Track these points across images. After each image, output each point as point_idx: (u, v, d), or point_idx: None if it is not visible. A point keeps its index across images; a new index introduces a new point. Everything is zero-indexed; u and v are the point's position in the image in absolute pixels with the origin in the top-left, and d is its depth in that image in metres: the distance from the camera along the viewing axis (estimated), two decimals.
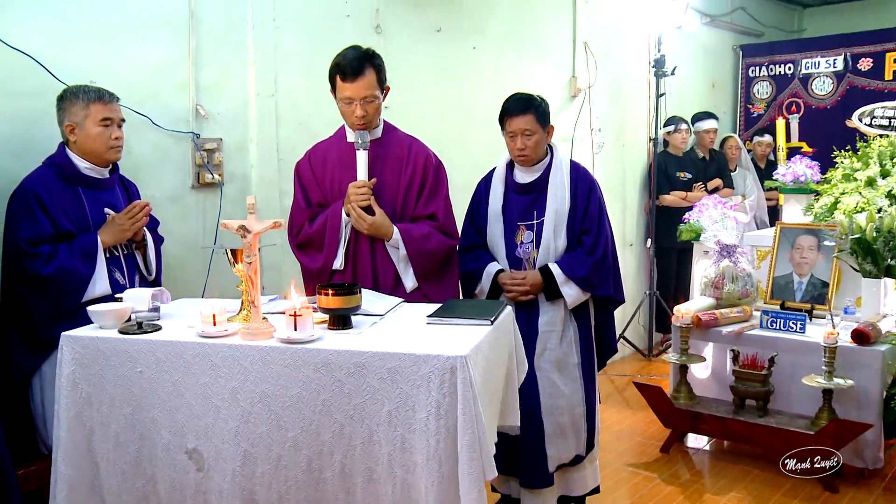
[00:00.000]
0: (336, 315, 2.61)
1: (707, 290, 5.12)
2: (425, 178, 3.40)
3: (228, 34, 4.10)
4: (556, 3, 6.29)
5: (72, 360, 2.63)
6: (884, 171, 5.27)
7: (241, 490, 2.53)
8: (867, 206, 5.00)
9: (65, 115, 3.19)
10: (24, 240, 3.04)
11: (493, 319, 2.69)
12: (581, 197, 3.68)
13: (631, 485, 4.44)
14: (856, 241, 4.59)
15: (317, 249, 3.37)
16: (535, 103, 3.62)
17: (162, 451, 2.60)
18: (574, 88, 6.45)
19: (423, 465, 2.36)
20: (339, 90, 3.27)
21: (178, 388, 2.55)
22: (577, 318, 3.73)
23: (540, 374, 3.63)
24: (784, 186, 5.76)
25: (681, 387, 4.90)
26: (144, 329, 2.64)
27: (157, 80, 3.84)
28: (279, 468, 2.49)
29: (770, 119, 8.56)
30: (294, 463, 2.48)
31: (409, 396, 2.37)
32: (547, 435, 3.62)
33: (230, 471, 2.53)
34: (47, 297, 3.07)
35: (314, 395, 2.44)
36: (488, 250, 3.77)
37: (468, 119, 5.43)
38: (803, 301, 4.92)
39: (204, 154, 4.00)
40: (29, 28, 3.37)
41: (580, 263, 3.62)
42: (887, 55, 8.11)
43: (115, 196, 3.38)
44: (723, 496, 4.27)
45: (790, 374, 4.60)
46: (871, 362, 4.37)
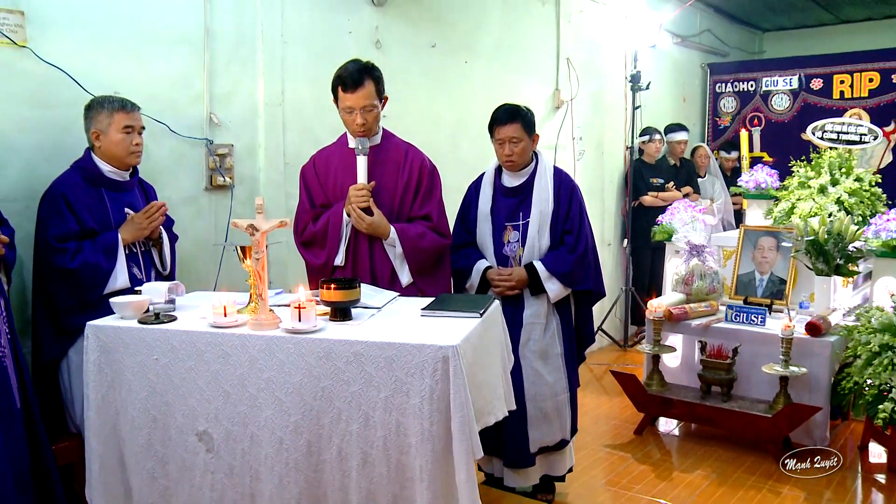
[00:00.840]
0: (337, 307, 2.60)
1: (678, 287, 5.11)
2: (420, 182, 3.38)
3: (240, 49, 4.07)
4: (541, 22, 6.27)
5: (97, 348, 2.63)
6: (833, 179, 5.31)
7: (248, 469, 2.52)
8: (819, 210, 5.03)
9: (91, 123, 3.21)
10: (53, 237, 3.06)
11: (482, 312, 2.68)
12: (563, 200, 3.67)
13: (607, 464, 4.43)
14: (810, 242, 4.61)
15: (320, 247, 3.35)
16: (522, 113, 3.61)
17: (175, 432, 2.58)
18: (557, 100, 6.44)
19: (417, 445, 2.35)
20: (340, 100, 3.26)
21: (190, 375, 2.54)
22: (559, 311, 3.73)
23: (524, 363, 3.62)
24: (747, 192, 5.77)
25: (653, 375, 4.89)
26: (161, 320, 2.64)
27: (174, 90, 3.82)
28: (281, 450, 2.47)
29: (735, 131, 8.59)
30: (295, 446, 2.46)
31: (403, 383, 2.35)
32: (530, 419, 3.61)
33: (239, 451, 2.52)
34: (73, 289, 3.08)
35: (315, 382, 2.42)
36: (478, 248, 3.76)
37: (460, 127, 5.41)
38: (764, 297, 4.92)
39: (216, 158, 3.98)
40: (61, 45, 3.36)
41: (562, 261, 3.61)
42: (835, 77, 8.26)
43: (135, 197, 3.39)
44: (690, 474, 4.27)
45: (751, 363, 4.61)
46: (822, 351, 4.41)
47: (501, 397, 2.79)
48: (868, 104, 8.05)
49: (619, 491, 4.06)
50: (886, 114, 7.93)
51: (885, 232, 4.72)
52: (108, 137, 3.19)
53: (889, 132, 7.78)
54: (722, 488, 4.06)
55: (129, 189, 3.35)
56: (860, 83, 8.12)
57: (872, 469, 4.32)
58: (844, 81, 8.19)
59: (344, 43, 4.52)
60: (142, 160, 3.35)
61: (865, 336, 4.15)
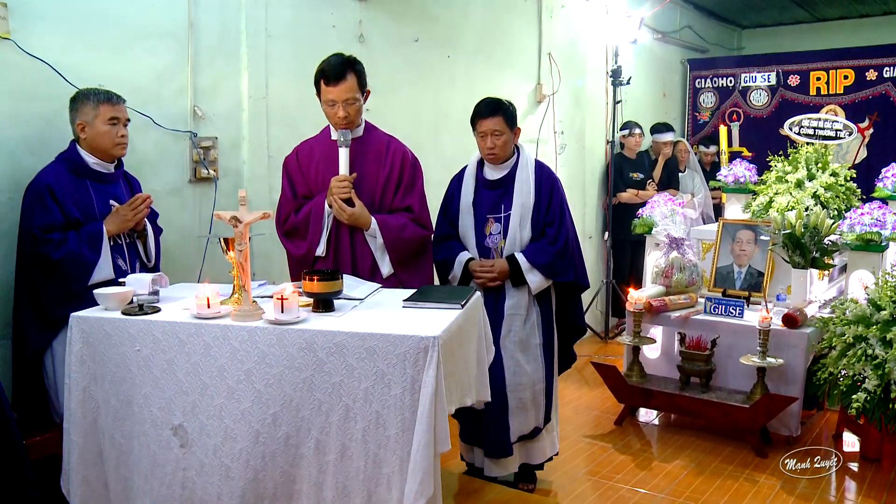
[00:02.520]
0: (320, 299, 2.59)
1: (658, 279, 5.13)
2: (402, 174, 3.38)
3: (224, 42, 4.04)
4: (523, 18, 6.26)
5: (80, 339, 2.60)
6: (810, 174, 5.36)
7: (219, 466, 2.48)
8: (796, 205, 5.07)
9: (76, 115, 3.18)
10: (37, 227, 3.02)
11: (463, 303, 2.68)
12: (545, 193, 3.67)
13: (588, 454, 4.44)
14: (787, 235, 4.63)
15: (301, 237, 3.34)
16: (504, 106, 3.60)
17: (150, 426, 2.55)
18: (539, 95, 6.44)
19: (396, 438, 2.34)
20: (323, 93, 3.25)
21: (170, 366, 2.52)
22: (539, 302, 3.72)
23: (505, 353, 3.62)
24: (726, 186, 5.80)
25: (633, 366, 4.90)
26: (145, 311, 2.62)
27: (159, 84, 3.78)
28: (257, 444, 2.45)
29: (714, 126, 8.64)
30: (272, 438, 2.44)
31: (384, 374, 2.35)
32: (510, 409, 3.61)
33: (211, 446, 2.49)
34: (57, 280, 3.05)
35: (296, 373, 2.41)
36: (460, 240, 3.75)
37: (442, 121, 5.39)
38: (742, 289, 4.95)
39: (200, 151, 3.95)
40: (46, 38, 3.32)
41: (543, 252, 3.61)
42: (811, 73, 8.35)
43: (120, 189, 3.36)
44: (669, 463, 4.28)
45: (729, 354, 4.63)
46: (798, 343, 4.43)
47: (472, 388, 2.78)
48: (843, 100, 8.14)
49: (600, 480, 4.07)
50: (861, 110, 8.01)
51: (859, 226, 4.75)
52: (94, 129, 3.16)
53: (863, 128, 7.85)
54: (700, 477, 4.08)
55: (114, 181, 3.32)
56: (835, 80, 8.20)
57: (846, 457, 4.34)
58: (821, 78, 8.27)
59: (327, 37, 4.50)
60: (127, 153, 3.31)
61: (840, 328, 4.18)
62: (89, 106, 3.16)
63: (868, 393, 3.92)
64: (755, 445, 4.37)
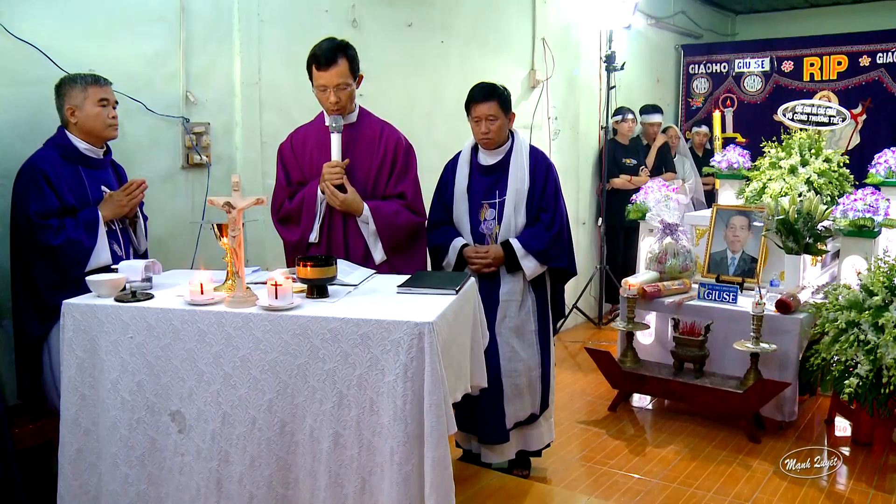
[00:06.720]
0: (314, 285, 2.58)
1: (651, 265, 5.12)
2: (395, 160, 3.36)
3: (216, 27, 4.00)
4: (516, 3, 6.22)
5: (72, 327, 2.57)
6: (804, 160, 5.36)
7: (217, 451, 2.47)
8: (790, 190, 5.07)
9: (64, 100, 3.14)
10: (34, 213, 2.98)
11: (457, 289, 2.67)
12: (539, 178, 3.65)
13: (582, 439, 4.44)
14: (780, 221, 4.63)
15: (295, 223, 3.33)
16: (499, 91, 3.58)
17: (146, 412, 2.53)
18: (533, 80, 6.41)
19: (390, 426, 2.32)
20: (315, 78, 3.23)
21: (165, 353, 2.50)
22: (534, 288, 3.72)
23: (500, 339, 3.61)
24: (720, 172, 5.79)
25: (627, 352, 4.91)
26: (138, 297, 2.60)
27: (150, 69, 3.75)
28: (254, 430, 2.44)
29: (707, 112, 8.63)
30: (268, 425, 2.43)
31: (378, 360, 2.33)
32: (505, 395, 3.61)
33: (209, 432, 2.48)
34: (55, 266, 3.02)
35: (291, 360, 2.40)
36: (455, 226, 3.73)
37: (435, 107, 5.36)
38: (735, 275, 4.94)
39: (193, 137, 3.92)
40: (35, 22, 3.28)
41: (538, 238, 3.60)
42: (805, 59, 8.34)
43: (110, 176, 3.34)
44: (663, 448, 4.29)
45: (723, 340, 4.62)
46: (792, 328, 4.42)
47: (467, 374, 2.77)
48: (836, 86, 8.13)
49: (594, 466, 4.07)
50: (854, 96, 8.01)
51: (852, 212, 4.74)
52: (85, 112, 3.13)
53: (856, 114, 7.85)
54: (694, 463, 4.09)
55: (104, 167, 3.30)
56: (829, 66, 8.20)
57: (838, 442, 4.36)
58: (814, 64, 8.27)
59: (320, 21, 4.46)
60: (118, 137, 3.28)
61: (833, 313, 4.18)
62: (77, 89, 3.13)
63: (860, 378, 3.93)
64: (748, 431, 4.38)
